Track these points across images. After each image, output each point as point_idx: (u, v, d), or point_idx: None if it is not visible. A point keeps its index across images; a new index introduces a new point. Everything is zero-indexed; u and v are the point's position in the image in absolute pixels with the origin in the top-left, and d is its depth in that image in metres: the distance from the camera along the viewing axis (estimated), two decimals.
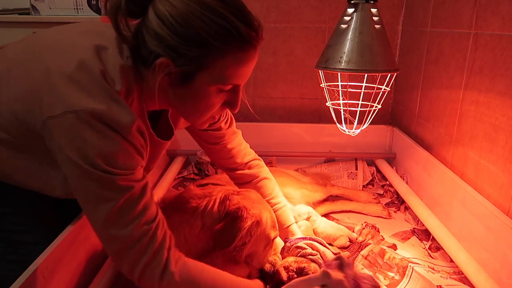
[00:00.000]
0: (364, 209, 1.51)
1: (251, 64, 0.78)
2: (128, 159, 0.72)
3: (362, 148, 1.89)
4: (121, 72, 0.73)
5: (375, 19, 1.14)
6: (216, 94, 0.78)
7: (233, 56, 0.74)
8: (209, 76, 0.74)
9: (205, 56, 0.72)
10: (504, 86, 1.10)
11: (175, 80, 0.74)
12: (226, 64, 0.74)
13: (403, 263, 1.14)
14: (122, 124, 0.70)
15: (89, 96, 0.69)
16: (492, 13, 1.15)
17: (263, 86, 2.04)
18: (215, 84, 0.76)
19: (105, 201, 0.71)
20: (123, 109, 0.71)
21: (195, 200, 0.98)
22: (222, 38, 0.71)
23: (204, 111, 0.82)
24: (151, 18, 0.70)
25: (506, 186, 1.08)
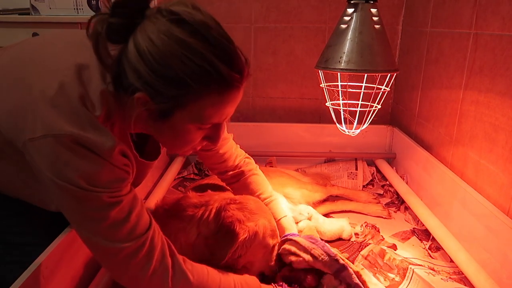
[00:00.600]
0: (364, 209, 1.51)
1: (233, 104, 0.76)
2: (111, 177, 0.71)
3: (362, 148, 1.89)
4: (102, 98, 0.72)
5: (375, 19, 1.14)
6: (195, 131, 0.77)
7: (213, 98, 0.71)
8: (187, 115, 0.72)
9: (183, 96, 0.70)
10: (504, 86, 1.10)
11: (153, 115, 0.73)
12: (205, 105, 0.72)
13: (403, 265, 1.14)
14: (103, 149, 0.69)
15: (69, 121, 0.68)
16: (492, 13, 1.15)
17: (263, 86, 2.04)
18: (193, 123, 0.74)
19: (94, 219, 0.71)
20: (103, 134, 0.70)
21: (192, 208, 0.98)
22: (202, 80, 0.68)
23: (183, 145, 0.81)
24: (131, 50, 0.68)
25: (506, 186, 1.08)
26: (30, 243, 0.92)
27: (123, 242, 0.73)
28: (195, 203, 0.99)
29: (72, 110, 0.69)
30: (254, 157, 1.86)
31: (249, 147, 1.89)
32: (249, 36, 1.96)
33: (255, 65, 2.01)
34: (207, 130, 0.79)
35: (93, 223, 0.71)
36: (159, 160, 1.78)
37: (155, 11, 0.69)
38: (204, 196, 1.03)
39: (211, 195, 1.03)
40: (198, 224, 0.97)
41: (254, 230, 0.97)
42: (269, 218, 1.05)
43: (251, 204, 1.02)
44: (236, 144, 1.20)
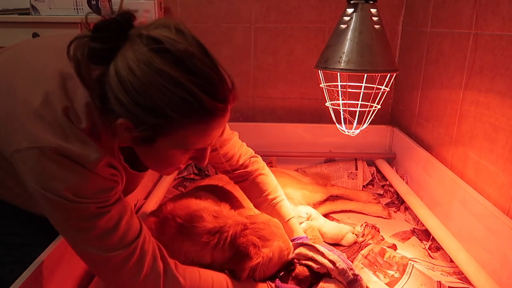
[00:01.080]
0: (364, 209, 1.51)
1: (217, 130, 0.75)
2: (98, 188, 0.71)
3: (362, 148, 1.89)
4: (87, 110, 0.71)
5: (375, 19, 1.14)
6: (179, 155, 0.76)
7: (196, 127, 0.71)
8: (171, 142, 0.72)
9: (165, 125, 0.69)
10: (504, 86, 1.09)
11: (136, 140, 0.72)
12: (188, 133, 0.71)
13: (403, 261, 1.14)
14: (88, 161, 0.69)
15: (54, 133, 0.68)
16: (492, 13, 1.15)
17: (263, 86, 2.04)
18: (177, 149, 0.74)
19: (82, 230, 0.71)
20: (88, 146, 0.70)
21: (207, 235, 0.97)
22: (183, 111, 0.67)
23: (166, 167, 0.81)
24: (112, 76, 0.66)
25: (506, 186, 1.08)
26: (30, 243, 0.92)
27: (113, 250, 0.73)
28: (210, 229, 0.97)
29: (56, 122, 0.68)
30: None
31: (249, 147, 1.89)
32: (249, 36, 1.96)
33: (255, 65, 2.01)
34: (192, 153, 0.78)
35: (81, 233, 0.72)
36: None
37: (137, 35, 0.66)
38: (219, 219, 1.00)
39: (226, 219, 1.00)
40: (212, 251, 0.96)
41: (269, 256, 0.98)
42: (284, 239, 1.04)
43: (266, 228, 1.01)
44: (241, 142, 1.18)
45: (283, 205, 1.15)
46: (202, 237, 0.97)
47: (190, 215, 1.00)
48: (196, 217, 0.99)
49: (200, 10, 1.92)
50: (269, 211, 1.14)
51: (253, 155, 1.19)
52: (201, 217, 0.99)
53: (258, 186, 1.15)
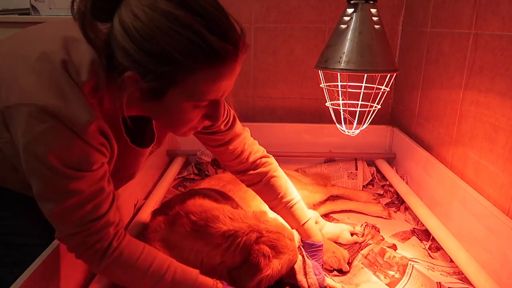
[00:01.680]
0: (364, 209, 1.51)
1: (230, 78, 0.71)
2: (83, 157, 0.69)
3: (362, 148, 1.89)
4: (91, 66, 0.68)
5: (375, 19, 1.14)
6: (192, 110, 0.73)
7: (207, 72, 0.67)
8: (181, 93, 0.68)
9: (175, 72, 0.66)
10: (504, 86, 1.10)
11: (146, 95, 0.69)
12: (199, 81, 0.67)
13: (403, 262, 1.14)
14: (76, 123, 0.66)
15: (46, 88, 0.65)
16: (492, 13, 1.15)
17: (263, 86, 2.04)
18: (188, 101, 0.70)
19: (50, 201, 0.71)
20: (81, 106, 0.67)
21: (221, 238, 0.95)
22: (191, 55, 0.64)
23: (181, 126, 0.77)
24: (116, 28, 0.64)
25: (506, 186, 1.08)
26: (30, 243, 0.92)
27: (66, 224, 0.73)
28: (225, 232, 0.95)
29: (51, 76, 0.66)
30: None
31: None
32: (249, 36, 1.96)
33: (255, 65, 2.01)
34: (205, 108, 0.74)
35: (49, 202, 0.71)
36: (159, 160, 1.79)
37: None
38: (234, 221, 0.98)
39: (242, 223, 0.98)
40: (223, 254, 0.95)
41: (278, 268, 0.97)
42: (295, 252, 1.03)
43: (280, 238, 1.00)
44: (253, 140, 1.14)
45: (298, 208, 1.12)
46: (216, 239, 0.95)
47: (205, 214, 0.98)
48: (211, 217, 0.97)
49: None
50: (285, 213, 1.12)
51: (264, 155, 1.15)
52: (217, 217, 0.97)
53: (271, 189, 1.11)
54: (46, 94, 0.65)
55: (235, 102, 2.13)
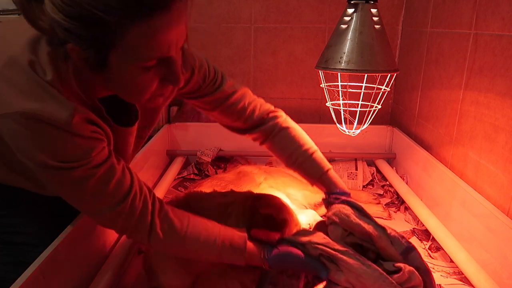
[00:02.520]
0: None
1: (169, 29, 0.63)
2: (78, 149, 0.69)
3: (362, 148, 1.90)
4: (50, 60, 0.67)
5: (375, 19, 1.14)
6: (143, 73, 0.67)
7: (139, 27, 0.60)
8: (122, 55, 0.64)
9: (106, 34, 0.60)
10: (504, 86, 1.10)
11: (91, 66, 0.65)
12: (135, 38, 0.61)
13: None
14: (60, 120, 0.65)
15: (21, 93, 0.65)
16: (492, 13, 1.15)
17: (263, 86, 2.04)
18: (133, 62, 0.65)
19: (70, 193, 0.74)
20: (59, 103, 0.66)
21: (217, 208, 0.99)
22: (115, 10, 0.58)
23: (138, 93, 0.71)
24: (46, 3, 0.61)
25: (506, 186, 1.08)
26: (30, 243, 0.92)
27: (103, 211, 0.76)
28: (220, 203, 1.00)
29: (22, 81, 0.66)
30: (254, 157, 1.88)
31: (249, 147, 1.89)
32: (249, 36, 1.96)
33: (255, 65, 2.01)
34: (158, 69, 0.68)
35: (72, 196, 0.75)
36: (159, 160, 1.79)
37: None
38: (227, 196, 1.03)
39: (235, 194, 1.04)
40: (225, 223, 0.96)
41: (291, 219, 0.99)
42: (292, 213, 1.04)
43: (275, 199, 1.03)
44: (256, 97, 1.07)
45: (319, 155, 1.06)
46: (213, 211, 0.98)
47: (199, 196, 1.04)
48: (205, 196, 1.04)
49: (200, 10, 1.92)
50: (307, 163, 1.05)
51: (271, 110, 1.08)
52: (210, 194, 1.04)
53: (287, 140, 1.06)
54: (21, 99, 0.65)
55: None
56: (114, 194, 0.75)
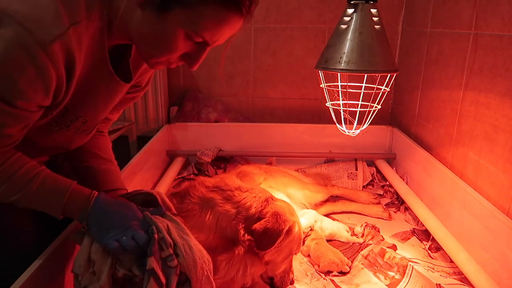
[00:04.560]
0: (365, 210, 1.51)
1: (230, 28, 0.72)
2: (30, 88, 0.63)
3: (362, 148, 1.89)
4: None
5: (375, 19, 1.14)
6: (183, 39, 0.71)
7: (217, 11, 0.68)
8: (184, 17, 0.67)
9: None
10: (504, 86, 1.10)
11: (150, 3, 0.67)
12: (207, 15, 0.68)
13: (403, 262, 1.14)
14: (43, 34, 0.60)
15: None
16: (492, 13, 1.15)
17: (263, 86, 2.04)
18: (187, 28, 0.69)
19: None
20: (53, 17, 0.62)
21: (231, 191, 0.99)
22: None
23: (164, 50, 0.73)
24: None
25: (506, 186, 1.08)
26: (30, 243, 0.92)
27: None
28: (236, 187, 1.00)
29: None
30: (254, 157, 1.88)
31: (249, 147, 1.90)
32: (249, 37, 1.96)
33: (255, 66, 2.01)
34: (193, 46, 0.73)
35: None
36: (159, 161, 1.79)
37: None
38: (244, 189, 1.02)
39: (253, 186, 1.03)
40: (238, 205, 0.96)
41: (293, 225, 0.98)
42: (300, 225, 1.05)
43: (286, 206, 1.02)
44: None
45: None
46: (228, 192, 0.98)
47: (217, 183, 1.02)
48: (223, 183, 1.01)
49: None
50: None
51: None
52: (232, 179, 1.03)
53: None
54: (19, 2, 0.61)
55: (235, 102, 2.15)
56: None
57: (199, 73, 2.04)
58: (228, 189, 0.99)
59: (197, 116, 2.01)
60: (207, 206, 0.96)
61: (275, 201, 0.99)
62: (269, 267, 1.01)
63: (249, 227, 0.94)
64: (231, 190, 0.98)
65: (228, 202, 0.96)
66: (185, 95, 2.08)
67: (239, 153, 1.89)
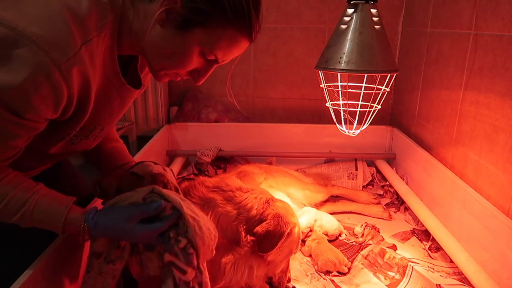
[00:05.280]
0: (365, 210, 1.51)
1: (239, 50, 0.78)
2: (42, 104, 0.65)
3: (362, 148, 1.89)
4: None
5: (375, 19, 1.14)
6: (196, 56, 0.75)
7: (233, 34, 0.73)
8: (203, 37, 0.72)
9: (213, 17, 0.69)
10: (504, 86, 1.10)
11: (171, 22, 0.70)
12: (224, 36, 0.73)
13: (403, 263, 1.14)
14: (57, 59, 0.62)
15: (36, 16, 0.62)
16: (492, 13, 1.15)
17: (263, 87, 2.04)
18: (203, 46, 0.73)
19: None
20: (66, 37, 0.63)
21: (232, 192, 0.99)
22: (237, 14, 0.70)
23: (177, 65, 0.77)
24: None
25: (506, 186, 1.08)
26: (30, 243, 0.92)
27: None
28: (237, 187, 1.00)
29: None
30: (254, 157, 1.88)
31: (249, 147, 1.90)
32: None
33: (255, 66, 2.01)
34: (203, 62, 0.78)
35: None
36: (159, 161, 1.79)
37: None
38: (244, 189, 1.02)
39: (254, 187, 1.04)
40: (238, 206, 0.97)
41: (294, 227, 0.98)
42: (300, 226, 1.05)
43: (288, 207, 1.02)
44: None
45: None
46: (229, 192, 0.99)
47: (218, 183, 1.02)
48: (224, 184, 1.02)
49: None
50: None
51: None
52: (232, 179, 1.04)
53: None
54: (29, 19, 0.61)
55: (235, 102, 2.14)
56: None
57: None
58: (229, 190, 0.99)
59: (197, 116, 2.01)
60: (207, 207, 0.96)
61: (275, 202, 0.99)
62: (269, 267, 1.01)
63: (250, 229, 0.94)
64: (232, 190, 0.99)
65: (229, 203, 0.97)
66: (185, 95, 2.08)
67: (239, 153, 1.89)
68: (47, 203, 0.75)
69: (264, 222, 0.94)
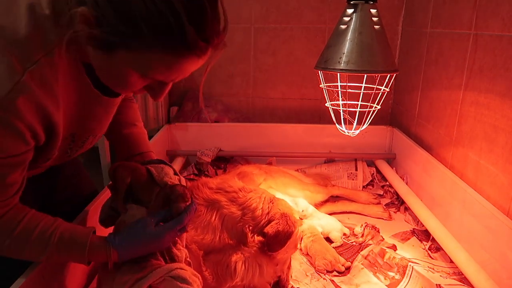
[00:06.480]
0: (365, 211, 1.51)
1: (187, 70, 0.65)
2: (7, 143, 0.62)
3: (362, 148, 1.89)
4: (29, 12, 0.62)
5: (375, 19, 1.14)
6: (136, 78, 0.65)
7: (165, 56, 0.60)
8: (130, 59, 0.61)
9: (132, 37, 0.58)
10: (504, 87, 1.10)
11: (94, 41, 0.60)
12: (154, 59, 0.61)
13: (403, 263, 1.14)
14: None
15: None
16: (492, 13, 1.15)
17: (263, 87, 2.04)
18: (136, 70, 0.63)
19: None
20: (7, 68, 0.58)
21: (236, 193, 1.00)
22: (158, 33, 0.57)
23: (119, 87, 0.70)
24: None
25: (506, 186, 1.08)
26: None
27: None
28: (240, 188, 1.01)
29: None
30: (254, 157, 1.88)
31: (249, 147, 1.90)
32: (249, 37, 1.96)
33: (255, 66, 2.01)
34: (151, 81, 0.68)
35: None
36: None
37: None
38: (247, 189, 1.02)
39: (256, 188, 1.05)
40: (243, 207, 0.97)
41: (296, 226, 0.99)
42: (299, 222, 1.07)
43: (287, 204, 1.03)
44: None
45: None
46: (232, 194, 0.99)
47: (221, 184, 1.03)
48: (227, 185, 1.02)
49: None
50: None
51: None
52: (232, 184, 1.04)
53: None
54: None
55: (235, 102, 2.15)
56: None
57: (199, 73, 2.04)
58: (232, 191, 1.00)
59: (197, 116, 2.01)
60: (212, 208, 0.97)
61: (278, 201, 1.00)
62: (277, 265, 1.02)
63: (256, 229, 0.95)
64: (235, 191, 1.00)
65: (233, 204, 0.98)
66: (185, 95, 2.08)
67: (239, 153, 1.89)
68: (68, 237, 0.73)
69: (273, 222, 0.95)
